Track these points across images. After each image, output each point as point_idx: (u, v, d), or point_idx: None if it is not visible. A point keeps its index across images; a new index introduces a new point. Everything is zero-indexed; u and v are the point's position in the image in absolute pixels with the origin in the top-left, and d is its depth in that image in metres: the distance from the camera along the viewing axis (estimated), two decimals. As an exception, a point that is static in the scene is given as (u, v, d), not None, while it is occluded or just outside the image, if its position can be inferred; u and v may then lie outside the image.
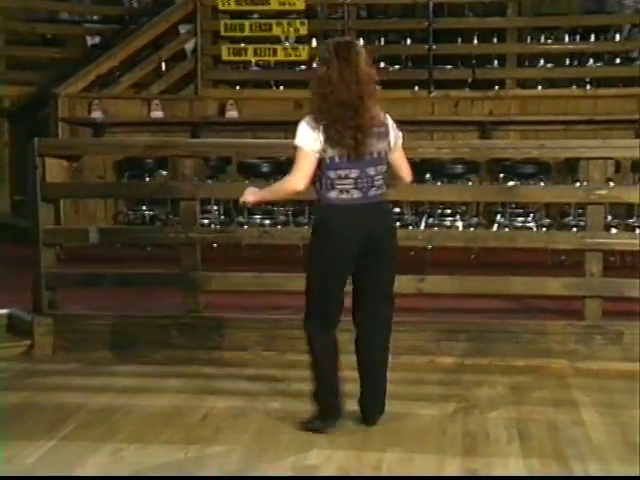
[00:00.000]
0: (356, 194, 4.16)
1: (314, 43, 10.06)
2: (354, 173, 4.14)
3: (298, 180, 4.16)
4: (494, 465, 3.92)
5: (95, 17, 11.22)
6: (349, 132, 4.07)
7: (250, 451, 4.09)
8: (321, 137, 4.09)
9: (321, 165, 4.13)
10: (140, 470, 3.90)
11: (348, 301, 4.36)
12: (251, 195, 4.45)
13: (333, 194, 4.16)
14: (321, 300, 4.30)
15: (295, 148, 4.17)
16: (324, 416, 4.36)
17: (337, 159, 4.11)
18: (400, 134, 4.35)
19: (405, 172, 4.41)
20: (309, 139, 4.11)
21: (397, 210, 7.86)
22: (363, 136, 4.10)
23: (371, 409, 4.42)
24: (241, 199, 4.49)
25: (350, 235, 4.16)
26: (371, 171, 4.18)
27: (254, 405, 4.72)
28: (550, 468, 3.87)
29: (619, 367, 5.25)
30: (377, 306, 4.38)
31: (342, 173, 4.13)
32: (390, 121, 4.30)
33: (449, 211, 7.92)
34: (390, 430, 4.34)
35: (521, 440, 4.19)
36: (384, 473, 3.87)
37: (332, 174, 4.13)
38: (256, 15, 10.21)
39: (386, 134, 4.24)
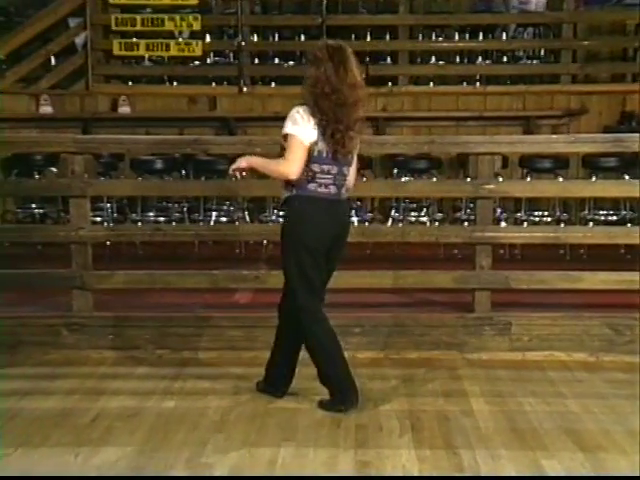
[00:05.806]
0: (333, 190, 4.43)
1: (208, 38, 10.02)
2: (334, 169, 4.40)
3: (293, 169, 4.33)
4: (386, 457, 3.97)
5: (-23, 9, 10.88)
6: (340, 132, 4.31)
7: (141, 451, 4.03)
8: (315, 131, 4.30)
9: (307, 157, 4.34)
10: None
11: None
12: (245, 161, 4.56)
13: (312, 186, 4.39)
14: (303, 286, 4.49)
15: (288, 136, 4.33)
16: (344, 397, 4.50)
17: (324, 154, 4.35)
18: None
19: (353, 176, 4.58)
20: (305, 130, 4.31)
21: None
22: (348, 137, 4.35)
23: None
24: (233, 166, 4.58)
25: (327, 227, 4.43)
26: (345, 170, 4.47)
27: (147, 405, 4.65)
28: (440, 457, 3.95)
29: (507, 357, 5.41)
30: (323, 294, 4.65)
31: (325, 168, 4.38)
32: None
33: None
34: (284, 425, 4.36)
35: (413, 431, 4.26)
36: (278, 468, 3.87)
37: (316, 167, 4.37)
38: (149, 9, 10.07)
39: (356, 137, 4.44)
